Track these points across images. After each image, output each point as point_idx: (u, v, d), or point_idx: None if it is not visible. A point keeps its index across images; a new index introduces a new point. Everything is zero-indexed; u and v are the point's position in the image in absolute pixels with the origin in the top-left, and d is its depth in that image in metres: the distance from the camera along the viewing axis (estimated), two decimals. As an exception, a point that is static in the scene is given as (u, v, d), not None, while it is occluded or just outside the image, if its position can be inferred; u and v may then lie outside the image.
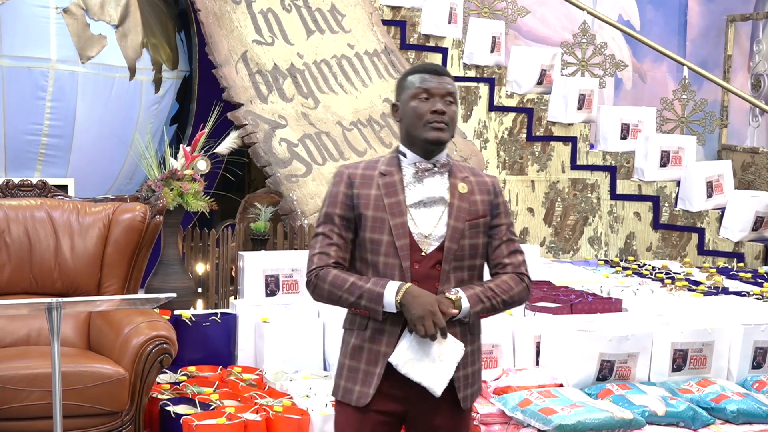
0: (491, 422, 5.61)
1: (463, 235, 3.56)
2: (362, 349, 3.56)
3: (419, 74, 3.62)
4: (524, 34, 11.82)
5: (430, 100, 3.58)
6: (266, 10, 8.46)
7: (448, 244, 3.53)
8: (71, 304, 4.25)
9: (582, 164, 10.18)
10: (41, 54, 7.21)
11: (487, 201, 3.64)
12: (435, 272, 3.54)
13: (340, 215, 3.56)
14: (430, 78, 3.60)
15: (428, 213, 3.56)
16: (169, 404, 5.54)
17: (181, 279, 6.92)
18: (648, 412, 5.58)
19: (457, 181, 3.63)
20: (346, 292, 3.49)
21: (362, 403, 3.53)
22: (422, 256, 3.53)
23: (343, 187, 3.58)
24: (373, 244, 3.54)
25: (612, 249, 10.03)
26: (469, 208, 3.59)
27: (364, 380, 3.54)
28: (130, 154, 7.63)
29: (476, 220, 3.59)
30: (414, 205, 3.56)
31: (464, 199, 3.60)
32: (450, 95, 3.61)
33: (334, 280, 3.50)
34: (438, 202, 3.58)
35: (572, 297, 6.75)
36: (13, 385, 4.96)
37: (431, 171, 3.61)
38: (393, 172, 3.59)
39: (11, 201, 5.87)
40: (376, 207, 3.54)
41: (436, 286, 3.53)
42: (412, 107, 3.59)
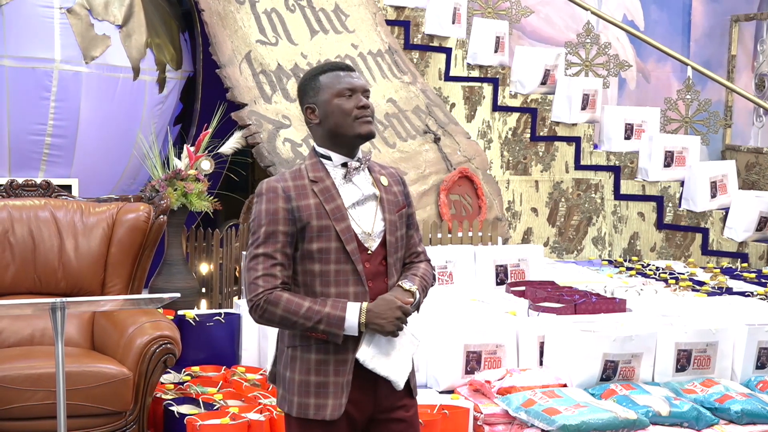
0: (495, 422, 5.61)
1: (397, 227, 3.61)
2: (328, 362, 3.51)
3: (333, 72, 3.59)
4: (528, 34, 11.81)
5: (354, 97, 3.55)
6: (270, 10, 8.47)
7: (389, 238, 3.56)
8: (75, 304, 4.26)
9: (586, 164, 10.17)
10: (45, 54, 7.21)
11: (401, 191, 3.69)
12: (382, 268, 3.56)
13: (284, 231, 3.48)
14: (347, 75, 3.58)
15: (363, 211, 3.56)
16: (172, 404, 5.55)
17: (185, 279, 6.93)
18: (652, 413, 5.58)
19: (377, 175, 3.64)
20: (303, 318, 3.42)
21: (336, 415, 3.48)
22: (369, 255, 3.53)
23: (282, 203, 3.48)
24: (321, 253, 3.49)
25: (616, 249, 10.02)
26: (394, 199, 3.64)
27: (335, 393, 3.49)
28: (133, 154, 7.63)
29: (401, 210, 3.64)
30: (351, 206, 3.54)
31: (389, 191, 3.63)
32: (367, 90, 3.60)
33: (288, 305, 3.43)
34: (369, 198, 3.58)
35: (576, 297, 6.75)
36: (17, 385, 4.97)
37: (358, 170, 3.58)
38: (323, 178, 3.54)
39: (15, 201, 5.87)
40: (319, 216, 3.48)
41: (385, 282, 3.56)
42: (336, 105, 3.54)
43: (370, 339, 3.51)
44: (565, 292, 6.90)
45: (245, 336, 6.41)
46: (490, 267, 7.54)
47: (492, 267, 7.54)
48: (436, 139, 8.58)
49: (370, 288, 3.52)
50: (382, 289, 3.54)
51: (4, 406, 4.96)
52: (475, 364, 6.10)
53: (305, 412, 3.52)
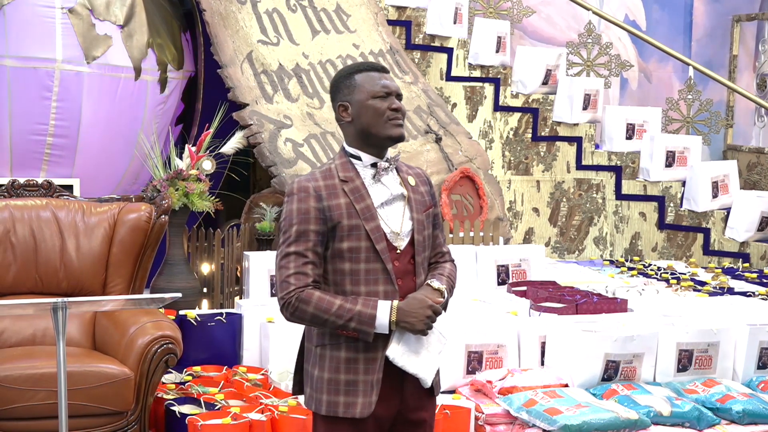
0: (496, 422, 5.61)
1: (425, 226, 3.65)
2: (358, 360, 3.53)
3: (368, 72, 3.62)
4: (530, 34, 11.81)
5: (387, 99, 3.59)
6: (271, 11, 8.47)
7: (417, 237, 3.60)
8: (76, 304, 4.26)
9: (587, 164, 10.17)
10: (47, 54, 7.22)
11: (428, 192, 3.72)
12: (410, 266, 3.59)
13: (315, 231, 3.50)
14: (382, 76, 3.62)
15: (392, 210, 3.59)
16: (174, 404, 5.55)
17: (187, 279, 6.93)
18: (653, 413, 5.58)
19: (405, 175, 3.69)
20: (334, 316, 3.44)
21: (366, 413, 3.50)
22: (398, 254, 3.57)
23: (313, 202, 3.51)
24: (351, 252, 3.52)
25: (617, 249, 10.02)
26: (422, 199, 3.67)
27: (365, 391, 3.51)
28: (135, 154, 7.64)
29: (428, 210, 3.68)
30: (380, 205, 3.58)
31: (416, 191, 3.67)
32: (400, 94, 3.64)
33: (319, 303, 3.45)
34: (398, 198, 3.62)
35: (577, 297, 6.74)
36: (19, 385, 4.97)
37: (387, 170, 3.62)
38: (353, 177, 3.59)
39: (17, 201, 5.88)
40: (350, 215, 3.52)
41: (413, 280, 3.59)
42: (370, 105, 3.57)
43: (400, 337, 3.53)
44: (566, 292, 6.90)
45: (246, 336, 6.41)
46: (492, 267, 7.54)
47: (493, 267, 7.55)
48: (438, 139, 8.58)
49: (400, 286, 3.55)
50: (411, 287, 3.58)
51: (6, 406, 4.96)
52: (477, 364, 6.10)
53: (334, 410, 3.53)
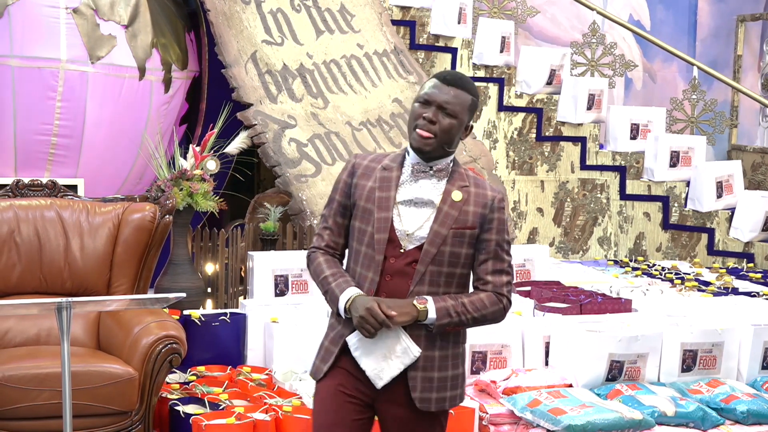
0: (500, 422, 5.61)
1: (444, 242, 3.59)
2: (334, 327, 3.71)
3: (433, 79, 3.65)
4: (535, 34, 11.80)
5: (426, 106, 3.61)
6: (276, 10, 8.47)
7: (426, 247, 3.59)
8: (81, 303, 4.26)
9: (591, 164, 10.16)
10: (51, 54, 7.23)
11: (480, 213, 3.64)
12: (409, 270, 3.60)
13: (339, 201, 3.71)
14: (437, 85, 3.61)
15: (416, 212, 3.62)
16: (178, 404, 5.55)
17: (191, 279, 6.92)
18: (657, 413, 5.58)
19: (453, 188, 3.66)
20: (319, 284, 3.69)
21: (317, 376, 3.70)
22: (400, 252, 3.60)
23: (346, 176, 3.72)
24: (359, 233, 3.66)
25: (621, 249, 10.02)
26: (458, 216, 3.61)
27: (323, 357, 3.72)
28: (139, 154, 7.64)
29: (463, 230, 3.61)
30: (404, 202, 3.63)
31: (455, 206, 3.62)
32: (447, 105, 3.60)
33: (315, 268, 3.71)
34: (427, 205, 3.63)
35: (582, 297, 6.74)
36: (23, 385, 4.97)
37: (426, 174, 3.65)
38: (394, 168, 3.68)
39: (21, 201, 5.88)
40: (368, 199, 3.65)
41: (408, 284, 3.60)
42: (413, 109, 3.65)
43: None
44: (570, 292, 6.90)
45: (251, 336, 6.40)
46: (496, 267, 7.52)
47: (497, 267, 7.53)
48: (442, 139, 8.57)
49: (387, 282, 3.60)
50: (400, 287, 3.60)
51: (10, 405, 4.96)
52: (481, 364, 6.10)
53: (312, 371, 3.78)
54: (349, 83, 8.54)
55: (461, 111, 3.62)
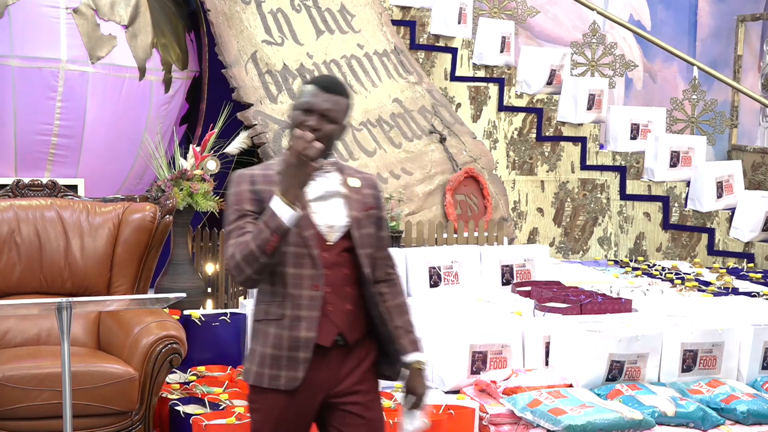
0: (501, 422, 5.61)
1: (361, 225, 3.77)
2: (282, 337, 3.68)
3: (311, 86, 3.72)
4: (537, 34, 11.81)
5: (308, 114, 3.68)
6: (276, 11, 8.47)
7: (353, 232, 3.74)
8: (81, 303, 4.26)
9: (592, 164, 10.17)
10: (51, 54, 7.23)
11: (374, 195, 3.86)
12: (341, 259, 3.72)
13: (249, 210, 3.68)
14: (317, 93, 3.69)
15: (327, 206, 3.74)
16: (178, 404, 5.55)
17: (191, 279, 6.93)
18: (658, 413, 5.58)
19: (347, 177, 3.82)
20: (253, 242, 3.56)
21: (292, 386, 3.67)
22: (328, 246, 3.70)
23: (247, 185, 3.71)
24: None
25: (622, 249, 10.02)
26: (363, 200, 3.80)
27: (289, 366, 3.67)
28: (139, 154, 7.64)
29: (369, 210, 3.80)
30: (315, 199, 3.72)
31: (357, 192, 3.80)
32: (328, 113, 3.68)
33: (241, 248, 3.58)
34: (335, 195, 3.76)
35: (582, 297, 6.74)
36: (24, 385, 4.97)
37: (321, 171, 3.74)
38: None
39: (21, 201, 5.88)
40: None
41: (345, 272, 3.72)
42: (294, 115, 3.71)
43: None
44: (570, 293, 6.90)
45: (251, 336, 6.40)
46: (496, 267, 7.54)
47: (498, 267, 7.54)
48: (442, 139, 8.58)
49: (327, 276, 3.69)
50: (340, 277, 3.72)
51: (11, 405, 4.96)
52: (481, 364, 6.10)
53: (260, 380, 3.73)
54: (349, 83, 8.54)
55: (341, 116, 3.73)
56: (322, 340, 3.68)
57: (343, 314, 3.72)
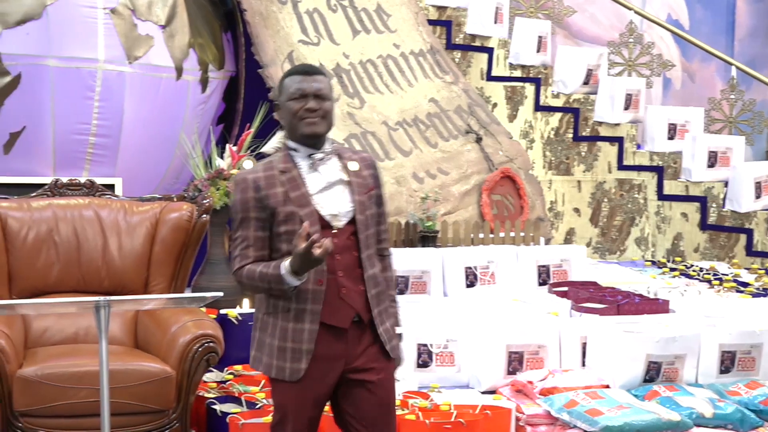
0: (537, 423, 5.60)
1: (365, 207, 3.98)
2: (287, 329, 3.90)
3: (293, 76, 4.00)
4: (574, 33, 11.77)
5: (302, 99, 3.94)
6: (312, 11, 8.48)
7: (359, 217, 3.94)
8: (119, 302, 4.28)
9: (629, 164, 10.12)
10: (89, 54, 7.25)
11: (372, 174, 4.06)
12: (350, 242, 3.93)
13: (255, 217, 3.90)
14: (302, 79, 3.97)
15: (331, 195, 3.94)
16: (215, 403, 5.57)
17: (228, 278, 6.92)
18: (695, 414, 5.55)
19: (346, 161, 4.03)
20: (259, 281, 3.85)
21: (296, 377, 3.87)
22: (335, 233, 3.90)
23: (252, 193, 3.92)
24: (288, 234, 3.86)
25: (659, 250, 9.97)
26: (363, 182, 4.01)
27: (293, 357, 3.88)
28: (176, 154, 7.66)
29: (369, 192, 4.01)
30: (317, 192, 3.93)
31: (357, 175, 4.00)
32: (320, 92, 3.95)
33: (249, 275, 3.87)
34: (337, 183, 3.97)
35: (619, 298, 6.71)
36: (62, 383, 5.00)
37: (323, 159, 3.98)
38: (291, 168, 3.96)
39: (60, 200, 5.91)
40: (285, 202, 3.89)
41: (355, 255, 3.93)
42: (288, 107, 3.98)
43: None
44: (607, 293, 6.87)
45: (287, 335, 6.41)
46: (533, 267, 7.52)
47: (534, 267, 7.52)
48: (478, 139, 8.57)
49: (339, 261, 3.90)
50: (351, 260, 3.93)
51: (49, 403, 4.99)
52: (518, 364, 6.09)
53: (270, 371, 3.95)
54: (385, 83, 8.54)
55: (330, 93, 4.01)
56: (341, 323, 3.90)
57: (357, 295, 3.93)
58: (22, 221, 5.75)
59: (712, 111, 10.80)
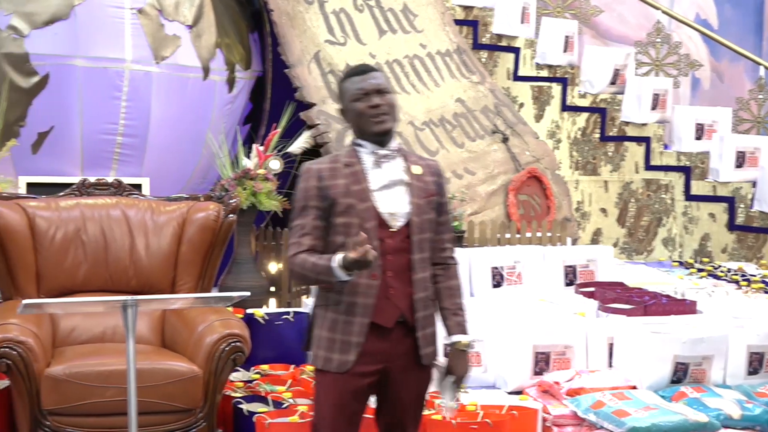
0: (564, 424, 5.59)
1: (423, 211, 4.02)
2: (337, 321, 3.96)
3: (350, 78, 4.07)
4: (602, 33, 11.74)
5: (365, 98, 4.00)
6: (338, 10, 8.48)
7: (414, 219, 3.99)
8: (146, 302, 4.30)
9: (656, 165, 10.08)
10: (116, 54, 7.28)
11: (436, 181, 4.13)
12: (404, 244, 3.98)
13: (314, 206, 3.98)
14: (360, 78, 4.04)
15: (391, 194, 4.00)
16: (242, 402, 5.58)
17: (254, 278, 6.95)
18: (723, 416, 5.53)
19: (410, 164, 4.08)
20: (309, 271, 3.92)
21: (343, 369, 3.93)
22: (391, 232, 3.97)
23: (314, 182, 3.99)
24: (345, 227, 3.95)
25: (686, 250, 9.92)
26: (424, 187, 4.06)
27: (342, 349, 3.94)
28: (203, 154, 7.68)
29: (430, 197, 4.06)
30: (379, 189, 3.99)
31: (419, 179, 4.06)
32: (380, 87, 4.02)
33: (302, 264, 3.93)
34: (398, 184, 4.02)
35: (646, 298, 6.69)
36: (89, 382, 5.02)
37: (388, 157, 4.03)
38: (355, 162, 4.02)
39: (87, 200, 5.94)
40: (345, 194, 3.96)
41: (407, 257, 3.98)
42: (353, 108, 4.02)
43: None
44: (634, 294, 6.85)
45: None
46: (559, 268, 7.50)
47: (561, 267, 7.51)
48: (505, 139, 8.55)
49: (390, 261, 3.96)
50: (403, 262, 3.98)
51: (76, 402, 5.01)
52: (544, 364, 6.08)
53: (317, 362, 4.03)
54: (411, 83, 8.53)
55: (389, 86, 4.08)
56: (385, 322, 3.95)
57: (405, 297, 3.98)
58: (50, 221, 5.78)
59: (740, 111, 10.75)
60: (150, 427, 5.04)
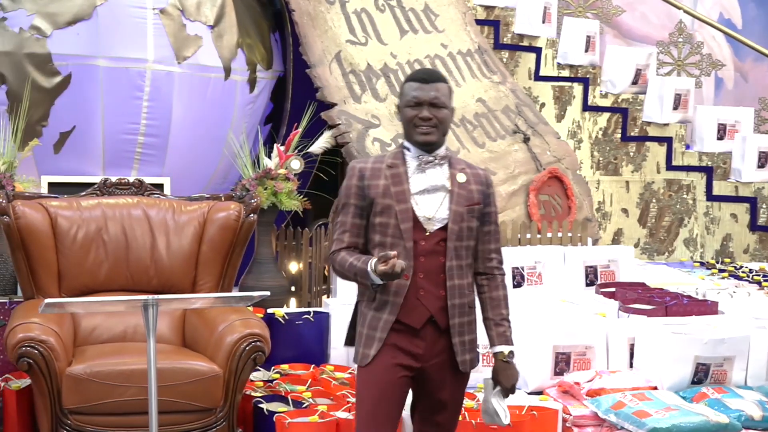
0: (584, 424, 5.58)
1: (462, 219, 4.06)
2: (367, 317, 4.07)
3: (410, 82, 4.09)
4: (624, 32, 11.71)
5: (417, 107, 4.04)
6: (360, 11, 8.49)
7: (451, 225, 4.04)
8: (167, 301, 4.31)
9: (677, 165, 10.06)
10: (138, 54, 7.30)
11: (481, 191, 4.14)
12: (439, 248, 4.04)
13: (354, 204, 4.08)
14: (418, 86, 4.06)
15: (431, 199, 4.06)
16: (262, 402, 5.59)
17: (275, 277, 6.97)
18: (744, 417, 5.51)
19: (455, 171, 4.12)
20: (348, 271, 4.03)
21: (364, 363, 4.04)
22: (426, 236, 4.03)
23: (356, 180, 4.09)
24: (382, 227, 4.04)
25: (708, 251, 9.90)
26: (467, 195, 4.09)
27: (366, 344, 4.05)
28: (224, 153, 7.70)
29: (472, 206, 4.09)
30: (418, 192, 4.06)
31: (463, 187, 4.09)
32: (435, 101, 4.04)
33: (341, 261, 4.05)
34: (440, 189, 4.08)
35: (667, 299, 6.67)
36: (110, 381, 5.04)
37: (432, 163, 4.09)
38: (399, 164, 4.11)
39: (109, 199, 5.96)
40: (385, 195, 4.04)
41: (441, 261, 4.03)
42: (404, 113, 4.09)
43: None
44: (656, 294, 6.83)
45: (334, 335, 6.43)
46: (580, 268, 7.49)
47: (582, 268, 7.49)
48: (526, 139, 8.54)
49: (422, 263, 4.02)
50: (435, 265, 4.04)
51: (98, 401, 5.03)
52: (564, 365, 6.07)
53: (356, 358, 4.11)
54: (432, 83, 8.52)
55: (447, 101, 4.08)
56: (414, 322, 4.02)
57: (436, 300, 4.03)
58: (72, 220, 5.80)
59: (763, 111, 10.71)
60: (170, 426, 5.07)
